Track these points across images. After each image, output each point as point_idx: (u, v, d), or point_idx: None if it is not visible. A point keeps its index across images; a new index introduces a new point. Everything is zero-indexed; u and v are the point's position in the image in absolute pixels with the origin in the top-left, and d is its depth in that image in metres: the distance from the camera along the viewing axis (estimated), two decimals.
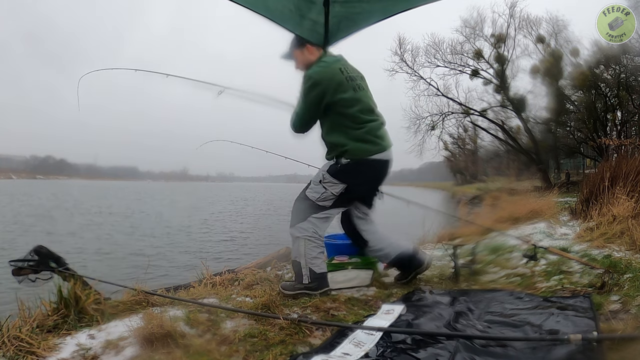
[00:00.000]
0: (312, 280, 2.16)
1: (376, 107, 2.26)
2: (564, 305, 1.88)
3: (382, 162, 2.20)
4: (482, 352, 1.43)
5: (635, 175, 3.89)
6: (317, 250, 2.18)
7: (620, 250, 2.78)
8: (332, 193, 2.15)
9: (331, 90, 2.07)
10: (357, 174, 2.14)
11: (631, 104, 16.83)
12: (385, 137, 2.23)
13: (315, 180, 2.20)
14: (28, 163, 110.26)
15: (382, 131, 2.23)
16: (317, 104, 2.09)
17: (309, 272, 2.15)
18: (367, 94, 2.22)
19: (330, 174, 2.15)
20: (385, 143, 2.21)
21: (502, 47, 18.74)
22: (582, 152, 19.78)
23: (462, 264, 2.64)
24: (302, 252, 2.16)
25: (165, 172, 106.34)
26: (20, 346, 1.53)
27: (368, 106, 2.19)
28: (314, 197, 2.17)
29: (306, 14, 2.08)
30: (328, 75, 2.08)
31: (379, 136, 2.18)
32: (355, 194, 2.24)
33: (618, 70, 16.52)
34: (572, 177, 18.45)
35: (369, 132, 2.14)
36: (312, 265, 2.16)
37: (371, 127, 2.15)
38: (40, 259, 2.02)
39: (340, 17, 2.14)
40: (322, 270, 2.19)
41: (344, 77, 2.11)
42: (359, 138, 2.12)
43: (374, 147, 2.14)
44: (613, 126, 18.11)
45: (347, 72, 2.13)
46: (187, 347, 1.54)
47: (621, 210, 3.48)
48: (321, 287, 2.18)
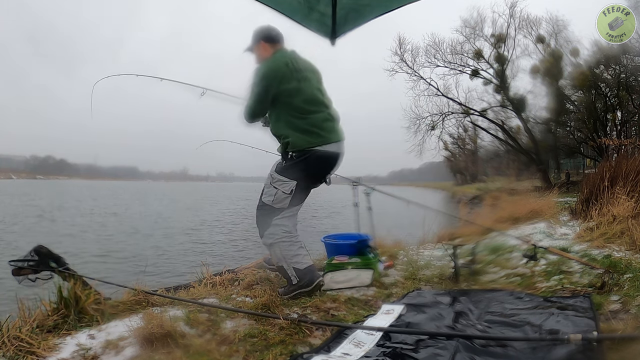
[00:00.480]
0: (300, 278, 2.18)
1: (326, 99, 2.31)
2: (564, 305, 1.88)
3: (327, 153, 2.22)
4: (482, 352, 1.43)
5: (635, 175, 3.89)
6: (294, 248, 2.21)
7: (620, 250, 2.78)
8: (284, 192, 2.19)
9: (276, 82, 2.17)
10: (303, 167, 2.18)
11: (631, 104, 16.82)
12: (332, 130, 2.25)
13: (266, 183, 2.25)
14: (28, 163, 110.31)
15: (329, 124, 2.25)
16: (266, 92, 2.18)
17: (294, 272, 2.19)
18: (313, 85, 2.26)
19: (278, 172, 2.21)
20: (330, 135, 2.23)
21: (502, 47, 18.74)
22: (582, 152, 19.77)
23: (462, 264, 2.64)
24: (281, 256, 2.20)
25: (165, 172, 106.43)
26: (20, 346, 1.53)
27: (313, 97, 2.23)
28: (270, 201, 2.21)
29: (314, 5, 2.09)
30: (274, 68, 2.19)
31: (323, 128, 2.21)
32: (307, 189, 2.28)
33: (618, 70, 16.51)
34: (572, 177, 18.43)
35: (313, 124, 2.19)
36: (295, 264, 2.19)
37: (315, 118, 2.20)
38: (40, 259, 2.02)
39: (348, 9, 2.15)
40: (306, 265, 2.21)
41: (289, 69, 2.19)
42: (302, 129, 2.17)
43: (316, 139, 2.18)
44: (613, 126, 18.10)
45: (293, 65, 2.22)
46: (187, 347, 1.54)
47: (621, 210, 3.48)
48: (312, 281, 2.19)
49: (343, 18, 2.17)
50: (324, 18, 2.19)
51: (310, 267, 2.22)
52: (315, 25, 2.19)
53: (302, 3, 2.06)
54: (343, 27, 2.28)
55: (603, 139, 14.96)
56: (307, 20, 2.16)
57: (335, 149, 2.25)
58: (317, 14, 2.15)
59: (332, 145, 2.23)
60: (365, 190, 3.25)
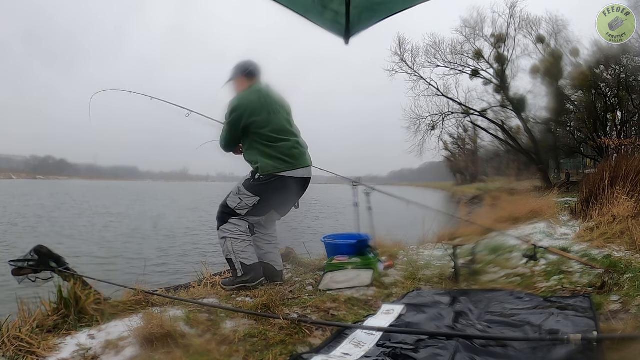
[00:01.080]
0: (245, 272, 2.36)
1: (294, 129, 2.52)
2: (564, 305, 1.88)
3: (294, 179, 2.42)
4: (482, 352, 1.43)
5: (635, 175, 3.89)
6: (244, 245, 2.40)
7: (620, 250, 2.78)
8: (246, 204, 2.40)
9: (247, 114, 2.36)
10: (268, 188, 2.38)
11: (631, 104, 16.80)
12: (298, 157, 2.45)
13: (234, 190, 2.44)
14: (28, 163, 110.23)
15: (296, 151, 2.44)
16: (236, 126, 2.39)
17: (240, 266, 2.36)
18: (282, 117, 2.46)
19: (245, 187, 2.41)
20: (296, 162, 2.43)
21: (502, 47, 18.72)
22: (582, 152, 19.75)
23: (462, 264, 2.64)
24: (231, 249, 2.39)
25: (165, 172, 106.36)
26: (20, 346, 1.53)
27: (281, 127, 2.43)
28: (232, 206, 2.42)
29: (328, 4, 2.09)
30: (245, 101, 2.39)
31: (290, 155, 2.41)
32: (268, 207, 2.46)
33: (618, 70, 16.49)
34: (572, 177, 18.41)
35: (280, 152, 2.38)
36: (242, 259, 2.37)
37: (283, 146, 2.40)
38: (40, 258, 2.02)
39: (362, 8, 2.16)
40: (252, 262, 2.39)
41: (260, 102, 2.39)
42: (270, 155, 2.37)
43: (282, 164, 2.38)
44: (613, 126, 18.08)
45: (264, 98, 2.42)
46: (187, 347, 1.54)
47: (621, 210, 3.48)
48: (256, 279, 2.37)
49: (357, 17, 2.18)
50: (337, 17, 2.20)
51: (255, 265, 2.40)
52: (329, 24, 2.20)
53: (315, 1, 2.06)
54: (357, 26, 2.28)
55: (603, 139, 14.95)
56: (321, 19, 2.17)
57: (300, 174, 2.45)
58: (330, 12, 2.16)
59: (297, 171, 2.43)
60: (365, 190, 3.25)
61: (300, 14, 2.14)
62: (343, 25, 2.24)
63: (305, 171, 2.49)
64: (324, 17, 2.18)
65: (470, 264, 2.66)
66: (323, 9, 2.14)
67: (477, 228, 3.80)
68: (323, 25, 2.20)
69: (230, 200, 2.42)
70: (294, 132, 2.50)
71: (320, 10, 2.15)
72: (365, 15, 2.25)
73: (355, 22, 2.25)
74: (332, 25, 2.23)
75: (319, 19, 2.18)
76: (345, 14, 2.15)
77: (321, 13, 2.16)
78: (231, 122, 2.40)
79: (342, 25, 2.23)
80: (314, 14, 2.17)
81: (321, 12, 2.16)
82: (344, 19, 2.16)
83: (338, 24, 2.24)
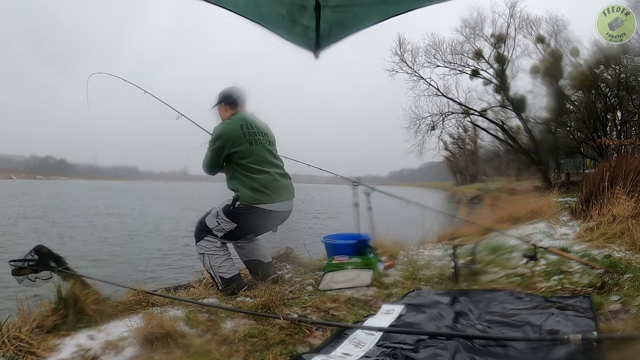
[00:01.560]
0: (225, 286, 2.38)
1: (277, 160, 2.58)
2: (564, 305, 1.88)
3: (272, 212, 2.46)
4: (482, 352, 1.43)
5: (635, 175, 3.89)
6: (221, 260, 2.43)
7: (620, 250, 2.78)
8: (223, 228, 2.44)
9: (229, 144, 2.42)
10: (246, 218, 2.42)
11: (631, 104, 16.79)
12: (278, 190, 2.48)
13: (213, 212, 2.47)
14: (28, 163, 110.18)
15: (277, 184, 2.48)
16: (218, 154, 2.45)
17: (220, 280, 2.40)
18: (264, 148, 2.50)
19: (224, 212, 2.44)
20: (276, 195, 2.46)
21: (502, 47, 18.72)
22: (582, 152, 19.74)
23: (462, 264, 2.64)
24: (209, 265, 2.44)
25: (165, 172, 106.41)
26: (20, 346, 1.53)
27: (263, 159, 2.48)
28: (210, 226, 2.46)
29: (298, 19, 2.10)
30: (227, 131, 2.44)
31: (270, 188, 2.45)
32: (244, 233, 2.50)
33: (618, 70, 16.48)
34: (572, 177, 18.41)
35: (261, 183, 2.42)
36: (220, 274, 2.41)
37: (263, 179, 2.44)
38: (40, 258, 2.02)
39: (332, 22, 2.16)
40: (231, 274, 2.41)
41: (242, 133, 2.44)
42: (250, 187, 2.41)
43: (262, 197, 2.41)
44: (613, 126, 18.07)
45: (247, 128, 2.47)
46: (187, 347, 1.54)
47: (621, 210, 3.48)
48: (239, 289, 2.37)
49: (327, 31, 2.17)
50: (307, 31, 2.20)
51: (235, 276, 2.42)
52: (299, 39, 2.20)
53: (285, 17, 2.06)
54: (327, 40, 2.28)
55: (603, 139, 14.93)
56: (291, 35, 2.17)
57: (279, 208, 2.49)
58: (301, 27, 2.16)
59: (276, 204, 2.47)
60: (365, 190, 3.25)
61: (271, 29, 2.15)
62: (313, 40, 2.24)
63: (285, 204, 2.54)
64: (294, 32, 2.18)
65: (470, 264, 2.65)
66: (293, 24, 2.14)
67: (477, 228, 3.80)
68: (293, 41, 2.20)
69: (209, 221, 2.47)
70: (276, 163, 2.56)
71: (290, 26, 2.15)
72: (336, 29, 2.26)
73: (326, 36, 2.26)
74: (302, 40, 2.23)
75: (289, 35, 2.18)
76: (315, 29, 2.15)
77: (291, 28, 2.17)
78: (214, 150, 2.46)
79: (312, 40, 2.24)
80: (284, 29, 2.17)
81: (291, 28, 2.16)
82: (314, 33, 2.16)
83: (308, 38, 2.24)
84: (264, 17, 2.05)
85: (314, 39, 2.20)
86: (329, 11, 2.06)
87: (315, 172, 3.74)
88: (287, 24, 2.13)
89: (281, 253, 3.15)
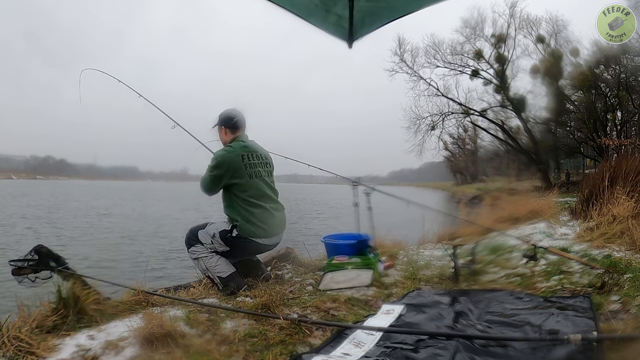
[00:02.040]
0: (225, 285, 2.39)
1: (274, 192, 2.60)
2: (563, 305, 1.87)
3: (264, 246, 2.53)
4: (482, 352, 1.43)
5: (635, 175, 3.89)
6: (215, 260, 2.45)
7: (620, 250, 2.78)
8: (216, 248, 2.46)
9: (229, 174, 2.45)
10: (241, 246, 2.47)
11: (631, 104, 16.79)
12: (273, 225, 2.53)
13: (209, 230, 2.48)
14: (28, 163, 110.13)
15: (272, 220, 2.52)
16: (217, 181, 2.48)
17: (219, 280, 2.42)
18: (264, 180, 2.54)
19: (220, 236, 2.45)
20: (271, 230, 2.51)
21: (502, 47, 18.71)
22: (582, 152, 19.74)
23: (462, 264, 2.64)
24: (205, 267, 2.46)
25: (165, 172, 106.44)
26: (20, 346, 1.53)
27: (261, 192, 2.51)
28: (202, 241, 2.48)
29: (331, 8, 2.09)
30: (228, 160, 2.46)
31: (266, 223, 2.49)
32: (234, 256, 2.52)
33: (618, 70, 16.48)
34: (572, 177, 18.40)
35: (258, 218, 2.46)
36: (218, 274, 2.43)
37: (260, 214, 2.47)
38: (40, 258, 2.02)
39: (365, 12, 2.17)
40: (228, 273, 2.43)
41: (243, 164, 2.46)
42: (248, 220, 2.44)
43: (259, 231, 2.46)
44: (613, 126, 18.07)
45: (247, 159, 2.49)
46: (187, 347, 1.54)
47: (621, 210, 3.48)
48: (239, 288, 2.38)
49: (360, 21, 2.18)
50: (340, 21, 2.20)
51: (232, 275, 2.43)
52: (333, 28, 2.20)
53: (318, 5, 2.06)
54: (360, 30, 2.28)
55: (603, 139, 14.94)
56: (324, 24, 2.17)
57: (272, 242, 2.56)
58: (334, 16, 2.16)
59: (270, 239, 2.53)
60: (365, 191, 3.25)
61: (302, 17, 2.14)
62: (346, 29, 2.24)
63: (277, 238, 2.61)
64: (328, 20, 2.18)
65: (470, 264, 2.65)
66: (326, 13, 2.14)
67: (477, 228, 3.80)
68: (326, 29, 2.20)
69: (202, 236, 2.48)
70: (273, 196, 2.59)
71: (324, 14, 2.15)
72: (369, 19, 2.26)
73: (359, 26, 2.26)
74: (335, 29, 2.23)
75: (322, 23, 2.18)
76: (349, 18, 2.16)
77: (324, 17, 2.17)
78: (213, 176, 2.47)
79: (346, 29, 2.24)
80: (317, 17, 2.17)
81: (324, 16, 2.16)
82: (347, 22, 2.16)
83: (341, 27, 2.24)
84: (297, 5, 2.05)
85: (347, 29, 2.20)
86: (362, 1, 2.06)
87: (315, 172, 3.75)
88: (321, 12, 2.14)
89: (281, 253, 3.14)
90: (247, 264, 2.62)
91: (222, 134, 2.64)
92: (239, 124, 2.62)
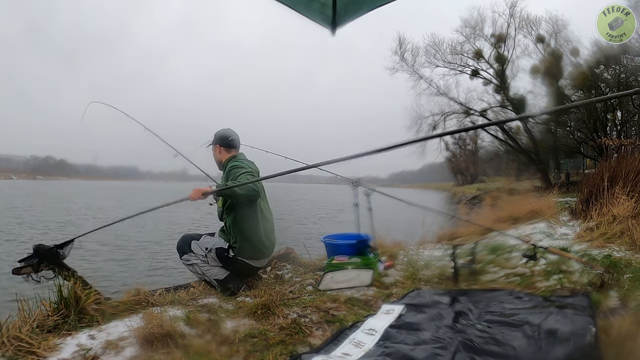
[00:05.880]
0: (223, 288, 2.41)
1: (269, 213, 2.62)
2: (563, 304, 1.88)
3: (257, 268, 2.57)
4: (482, 352, 1.43)
5: (635, 175, 3.89)
6: (208, 265, 2.46)
7: (620, 250, 2.78)
8: (209, 263, 2.47)
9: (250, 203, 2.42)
10: (234, 266, 2.46)
11: (631, 104, 16.79)
12: (268, 248, 2.56)
13: (205, 242, 2.49)
14: (28, 163, 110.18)
15: (267, 241, 2.53)
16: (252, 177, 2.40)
17: (217, 284, 2.45)
18: (265, 202, 2.58)
19: (216, 254, 2.46)
20: (266, 252, 2.55)
21: (502, 47, 18.72)
22: (582, 152, 19.75)
23: (462, 264, 2.64)
24: (201, 272, 2.48)
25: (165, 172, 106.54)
26: (20, 346, 1.53)
27: (263, 216, 2.52)
28: (195, 250, 2.49)
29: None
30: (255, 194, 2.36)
31: (262, 247, 2.50)
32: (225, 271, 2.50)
33: (618, 70, 16.49)
34: (572, 177, 18.40)
35: (257, 240, 2.47)
36: (214, 277, 2.45)
37: (260, 236, 2.48)
38: (40, 258, 2.02)
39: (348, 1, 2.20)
40: (224, 275, 2.45)
41: (259, 195, 2.43)
42: (249, 241, 2.44)
43: (256, 254, 2.48)
44: (613, 126, 18.08)
45: (261, 191, 2.48)
46: (187, 347, 1.54)
47: (621, 210, 3.48)
48: (239, 288, 2.40)
49: (343, 9, 2.20)
50: (324, 8, 2.22)
51: (228, 276, 2.45)
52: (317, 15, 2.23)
53: None
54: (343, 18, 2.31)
55: (603, 139, 14.92)
56: (308, 10, 2.19)
57: (261, 264, 2.58)
58: (317, 4, 2.18)
59: (263, 261, 2.57)
60: (365, 191, 3.25)
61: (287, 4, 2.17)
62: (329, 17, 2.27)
63: (268, 260, 2.66)
64: (311, 8, 2.21)
65: (470, 264, 2.66)
66: (310, 1, 2.17)
67: (477, 228, 3.80)
68: (310, 16, 2.23)
69: (195, 248, 2.49)
70: (270, 219, 2.61)
71: (307, 2, 2.19)
72: (351, 7, 2.29)
73: (342, 14, 2.29)
74: (319, 16, 2.26)
75: (306, 10, 2.21)
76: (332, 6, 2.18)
77: (308, 4, 2.20)
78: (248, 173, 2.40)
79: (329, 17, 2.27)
80: (301, 5, 2.20)
81: (308, 4, 2.20)
82: (331, 10, 2.18)
83: (324, 15, 2.27)
84: None
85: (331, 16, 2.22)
86: None
87: (316, 172, 3.75)
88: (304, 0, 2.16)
89: (281, 253, 3.15)
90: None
91: (217, 152, 2.65)
92: (234, 143, 2.63)
